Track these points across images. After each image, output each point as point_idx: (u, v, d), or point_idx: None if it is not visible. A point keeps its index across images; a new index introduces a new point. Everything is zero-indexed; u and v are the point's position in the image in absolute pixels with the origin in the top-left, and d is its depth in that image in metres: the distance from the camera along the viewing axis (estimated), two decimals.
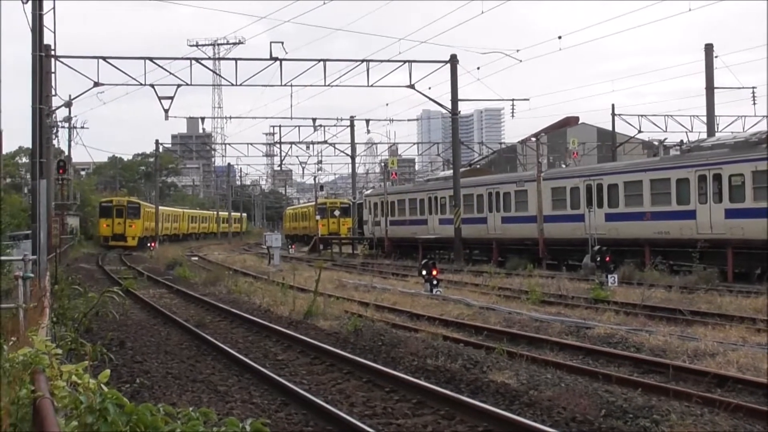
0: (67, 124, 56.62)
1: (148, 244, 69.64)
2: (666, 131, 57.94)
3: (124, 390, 11.66)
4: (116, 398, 4.07)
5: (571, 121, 78.40)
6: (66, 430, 3.94)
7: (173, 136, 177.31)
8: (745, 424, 9.59)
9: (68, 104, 52.13)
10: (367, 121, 64.80)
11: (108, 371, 4.71)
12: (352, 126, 70.21)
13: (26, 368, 4.71)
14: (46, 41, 29.64)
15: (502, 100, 61.88)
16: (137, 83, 39.52)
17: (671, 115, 59.46)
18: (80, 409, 4.07)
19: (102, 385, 4.44)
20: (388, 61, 42.22)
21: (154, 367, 14.28)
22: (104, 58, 38.48)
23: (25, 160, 77.12)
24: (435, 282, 26.32)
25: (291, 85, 43.01)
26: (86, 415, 3.98)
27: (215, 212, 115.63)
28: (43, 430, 3.66)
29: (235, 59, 40.93)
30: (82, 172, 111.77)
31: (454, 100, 43.89)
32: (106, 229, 69.22)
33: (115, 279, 34.61)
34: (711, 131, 46.69)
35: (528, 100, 51.88)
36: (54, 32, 34.08)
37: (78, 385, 4.49)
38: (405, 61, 41.85)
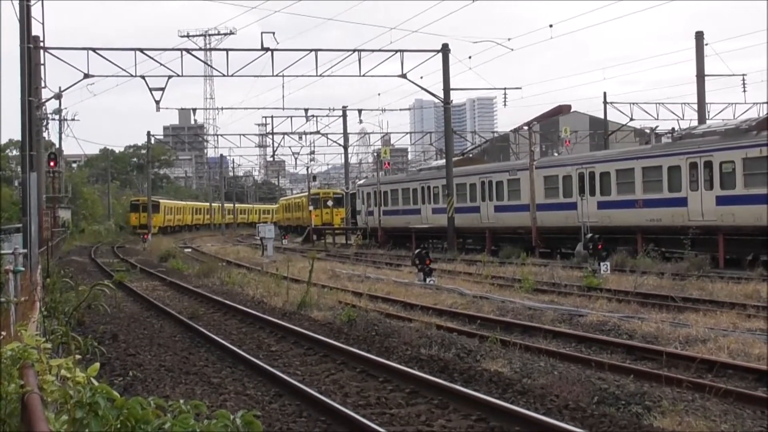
0: (57, 117, 56.46)
1: (141, 236, 69.99)
2: (657, 119, 58.16)
3: (117, 383, 11.69)
4: (106, 392, 4.04)
5: (563, 110, 78.45)
6: (56, 425, 3.92)
7: (165, 128, 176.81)
8: (736, 409, 9.63)
9: (58, 96, 51.98)
10: (360, 110, 65.13)
11: (97, 364, 4.69)
12: (344, 116, 70.12)
13: (15, 363, 4.68)
14: (34, 33, 29.52)
15: (495, 89, 62.10)
16: (128, 75, 39.45)
17: (662, 103, 59.65)
18: (70, 404, 4.05)
19: (92, 379, 4.42)
20: (380, 50, 42.24)
21: (147, 360, 14.26)
22: (94, 50, 38.36)
23: (15, 152, 76.91)
24: (428, 271, 26.31)
25: (283, 76, 42.96)
26: (76, 410, 3.96)
27: (209, 204, 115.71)
28: (31, 425, 3.64)
29: (227, 50, 40.91)
30: (74, 165, 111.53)
31: (447, 89, 43.95)
32: (135, 220, 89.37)
33: (107, 272, 34.58)
34: (702, 118, 46.79)
35: (520, 89, 51.90)
36: (42, 24, 34.10)
37: (68, 380, 4.47)
38: (397, 51, 41.89)
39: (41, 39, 35.14)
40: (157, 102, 41.05)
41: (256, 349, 15.16)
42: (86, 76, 38.70)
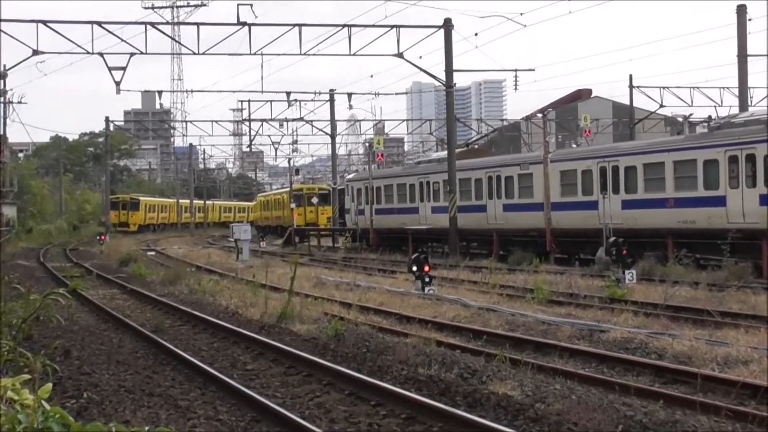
0: (1, 99, 56.31)
1: (98, 237, 70.04)
2: (692, 105, 58.17)
3: (69, 407, 11.68)
4: (60, 416, 4.05)
5: (582, 95, 78.53)
6: None
7: (126, 113, 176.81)
8: None
9: (2, 75, 51.85)
10: (349, 95, 64.74)
11: (50, 385, 4.69)
12: (331, 101, 70.22)
13: None
14: None
15: (504, 70, 61.92)
16: (84, 52, 39.39)
17: (698, 87, 59.80)
18: (19, 430, 4.05)
19: (43, 402, 4.41)
20: (373, 26, 42.25)
21: (104, 380, 14.24)
22: (44, 23, 38.30)
23: None
24: (427, 279, 26.44)
25: (262, 54, 42.96)
26: None
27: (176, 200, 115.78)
28: None
29: (197, 24, 40.94)
30: (20, 155, 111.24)
31: (449, 70, 43.85)
32: (115, 218, 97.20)
33: (59, 278, 34.50)
34: (744, 105, 46.84)
35: (533, 70, 51.77)
36: None
37: (15, 402, 4.47)
38: (392, 26, 41.77)
39: None
40: (118, 83, 41.00)
41: (229, 368, 15.17)
42: (35, 52, 38.65)
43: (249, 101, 68.53)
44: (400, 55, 42.27)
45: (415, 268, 26.87)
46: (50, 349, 16.33)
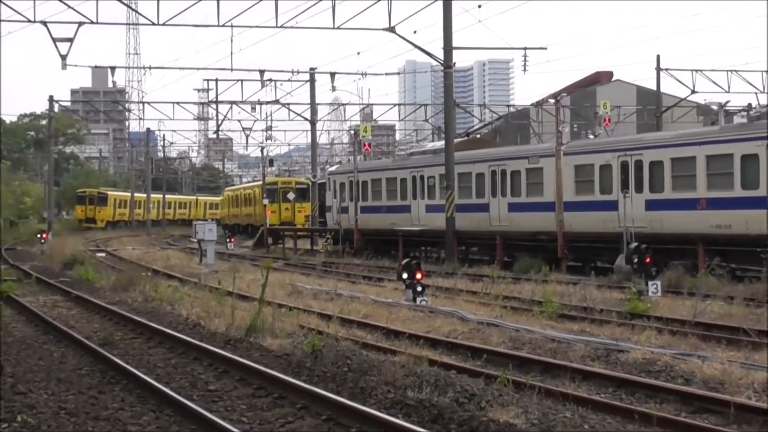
0: None
1: (38, 235, 69.90)
2: (729, 92, 58.20)
3: None
4: None
5: (602, 78, 78.18)
6: None
7: (73, 92, 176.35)
8: None
9: None
10: (332, 74, 64.74)
11: None
12: (312, 81, 69.98)
13: None
14: None
15: (512, 48, 61.50)
16: (24, 20, 39.21)
17: (736, 71, 59.82)
18: None
19: None
20: None
21: (42, 400, 14.19)
22: None
23: None
24: (419, 288, 26.54)
25: (231, 26, 42.92)
26: None
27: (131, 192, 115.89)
28: None
29: None
30: None
31: (448, 48, 43.84)
32: (81, 213, 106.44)
33: None
34: None
35: (545, 49, 51.83)
36: None
37: None
38: None
39: None
40: (63, 57, 40.84)
41: (189, 388, 15.17)
42: None
43: (216, 80, 68.47)
44: (391, 30, 42.41)
45: (405, 276, 26.90)
46: None
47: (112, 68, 63.23)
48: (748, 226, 31.05)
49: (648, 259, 27.98)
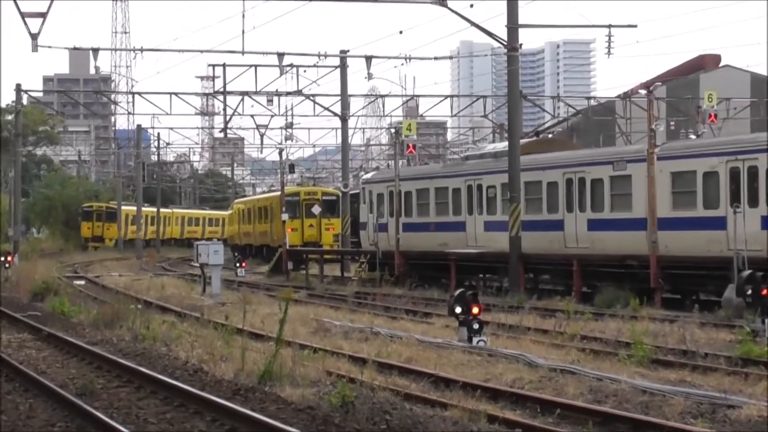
0: None
1: (2, 258, 70.18)
2: None
3: None
4: None
5: (707, 63, 78.21)
6: None
7: (47, 80, 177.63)
8: None
9: None
10: (368, 58, 64.53)
11: None
12: (343, 67, 70.37)
13: None
14: None
15: (593, 26, 59.85)
16: None
17: None
18: None
19: None
20: None
21: None
22: None
23: None
24: (476, 326, 26.87)
25: None
26: None
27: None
28: None
29: None
30: None
31: (513, 25, 44.15)
32: (87, 231, 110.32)
33: None
34: None
35: (635, 27, 51.46)
36: None
37: None
38: None
39: None
40: (35, 36, 40.43)
41: None
42: None
43: (224, 66, 68.59)
44: (442, 3, 42.31)
45: (459, 310, 27.15)
46: None
47: (95, 50, 63.29)
48: None
49: (765, 291, 27.73)
